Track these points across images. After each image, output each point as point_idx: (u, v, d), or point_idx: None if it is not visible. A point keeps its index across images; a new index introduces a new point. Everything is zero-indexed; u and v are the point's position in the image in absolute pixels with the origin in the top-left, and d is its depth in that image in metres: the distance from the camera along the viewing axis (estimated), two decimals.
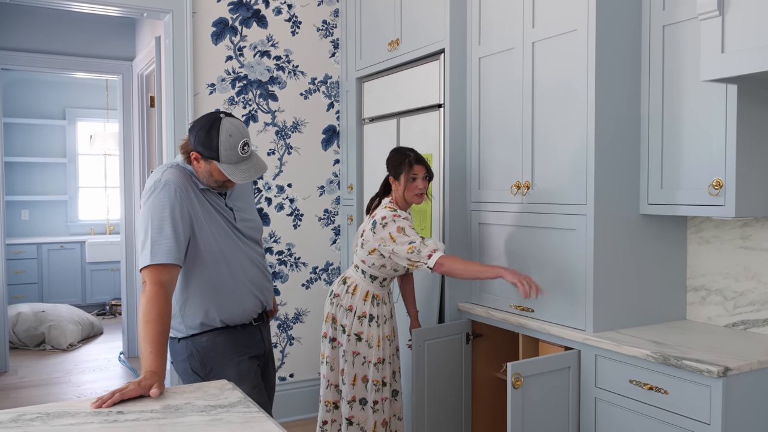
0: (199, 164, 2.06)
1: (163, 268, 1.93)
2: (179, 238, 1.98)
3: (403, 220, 2.55)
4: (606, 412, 2.26)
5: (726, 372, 1.90)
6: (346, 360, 2.64)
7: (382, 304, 2.67)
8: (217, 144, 1.99)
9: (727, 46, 1.93)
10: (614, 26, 2.34)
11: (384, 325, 2.66)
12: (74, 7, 3.53)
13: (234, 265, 2.16)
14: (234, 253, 2.16)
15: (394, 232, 2.52)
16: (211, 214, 2.11)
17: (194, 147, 2.04)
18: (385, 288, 2.71)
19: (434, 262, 2.41)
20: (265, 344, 2.30)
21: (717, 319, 2.46)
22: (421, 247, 2.44)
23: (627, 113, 2.39)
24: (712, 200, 2.15)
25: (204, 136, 2.00)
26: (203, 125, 2.02)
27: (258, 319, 2.26)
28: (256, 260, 2.25)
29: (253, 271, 2.23)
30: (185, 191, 2.03)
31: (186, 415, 1.50)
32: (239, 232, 2.19)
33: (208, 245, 2.09)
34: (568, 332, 2.39)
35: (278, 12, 3.86)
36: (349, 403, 2.63)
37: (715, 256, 2.47)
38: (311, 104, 3.98)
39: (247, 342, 2.21)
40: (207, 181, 2.09)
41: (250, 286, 2.21)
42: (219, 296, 2.14)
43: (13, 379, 4.90)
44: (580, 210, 2.38)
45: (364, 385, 2.62)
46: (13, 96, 7.09)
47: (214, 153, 2.00)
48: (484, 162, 2.89)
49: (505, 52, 2.74)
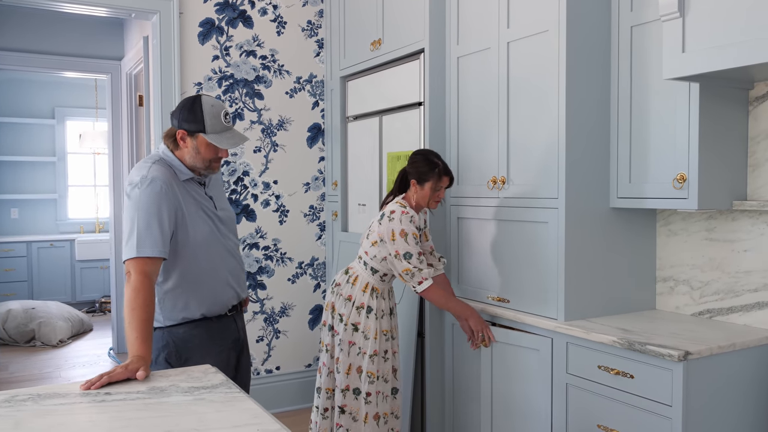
0: (186, 143, 2.16)
1: (148, 260, 2.01)
2: (164, 232, 2.05)
3: (409, 223, 2.60)
4: (576, 396, 2.35)
5: (686, 356, 2.00)
6: (341, 349, 2.68)
7: (381, 299, 2.70)
8: (202, 115, 2.11)
9: (687, 46, 2.03)
10: (584, 27, 2.44)
11: (381, 319, 2.68)
12: (63, 8, 3.59)
13: (215, 255, 2.23)
14: (215, 243, 2.24)
15: (398, 234, 2.58)
16: (194, 205, 2.19)
17: (179, 126, 2.14)
18: (386, 284, 2.73)
19: (422, 290, 2.59)
20: (239, 333, 2.36)
21: (684, 308, 2.57)
22: (416, 272, 2.57)
23: (597, 110, 2.49)
24: (677, 193, 2.25)
25: (188, 113, 2.12)
26: (185, 104, 2.15)
27: (232, 309, 2.33)
28: (234, 250, 2.34)
29: (231, 261, 2.31)
30: (170, 186, 2.11)
31: (170, 396, 1.58)
32: (219, 220, 2.28)
33: (193, 236, 2.16)
34: (541, 321, 2.49)
35: (264, 12, 3.94)
36: (343, 391, 2.66)
37: (683, 248, 2.57)
38: (296, 103, 4.06)
39: (222, 333, 2.27)
40: (194, 161, 2.17)
41: (228, 276, 2.29)
42: (200, 288, 2.20)
43: (4, 374, 4.96)
44: (552, 204, 2.48)
45: (358, 375, 2.66)
46: (2, 95, 7.13)
47: (200, 125, 2.11)
48: (462, 158, 2.98)
49: (482, 52, 2.83)
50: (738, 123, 2.31)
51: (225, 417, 1.43)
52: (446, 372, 3.04)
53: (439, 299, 2.63)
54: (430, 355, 3.07)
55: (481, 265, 2.86)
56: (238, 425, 1.38)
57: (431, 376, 3.07)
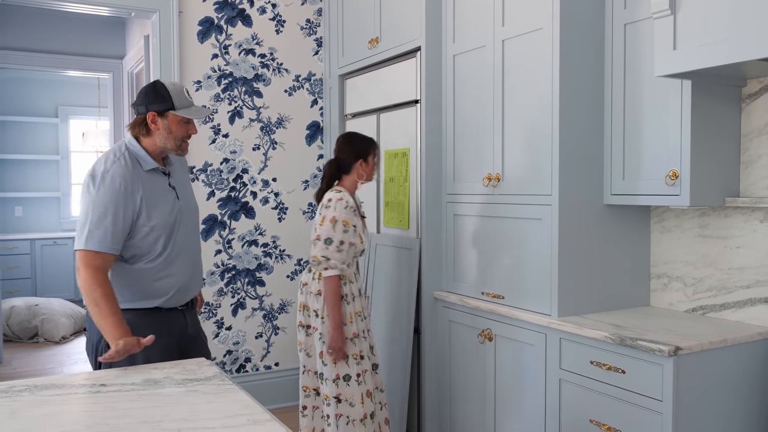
0: (157, 125, 2.21)
1: (96, 254, 2.07)
2: (116, 230, 2.10)
3: (343, 209, 2.70)
4: (569, 392, 2.37)
5: (677, 351, 2.01)
6: (324, 342, 2.72)
7: (349, 283, 2.77)
8: (168, 94, 2.20)
9: (678, 43, 2.05)
10: (577, 24, 2.46)
11: (353, 302, 2.77)
12: (65, 7, 3.63)
13: (174, 247, 2.25)
14: (175, 234, 2.26)
15: (328, 220, 2.69)
16: (157, 195, 2.22)
17: (148, 109, 2.19)
18: (350, 268, 2.79)
19: (326, 275, 2.69)
20: (188, 329, 2.35)
21: (678, 304, 2.58)
22: (323, 260, 2.70)
23: (590, 107, 2.51)
24: (669, 190, 2.27)
25: (153, 95, 2.20)
26: (147, 90, 2.22)
27: (185, 304, 2.34)
28: (194, 244, 2.37)
29: (190, 255, 2.33)
30: (130, 182, 2.14)
31: (164, 387, 1.61)
32: (180, 212, 2.29)
33: (153, 226, 2.19)
34: (535, 317, 2.51)
35: (263, 11, 3.96)
36: (335, 381, 2.71)
37: (676, 245, 2.59)
38: (295, 101, 4.09)
39: (170, 326, 2.27)
40: (165, 142, 2.22)
41: (186, 269, 2.30)
42: (157, 278, 2.22)
43: (7, 369, 5.00)
44: (546, 200, 2.50)
45: (345, 361, 2.72)
46: (6, 94, 7.17)
47: (169, 103, 2.19)
48: (458, 155, 3.00)
49: (478, 50, 2.85)
50: (731, 120, 2.33)
51: (216, 408, 1.46)
52: (442, 368, 3.06)
53: (333, 295, 2.67)
54: (426, 351, 3.09)
55: (477, 261, 2.89)
56: (229, 415, 1.41)
57: (427, 372, 3.09)
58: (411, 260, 3.15)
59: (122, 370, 1.76)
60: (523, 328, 2.58)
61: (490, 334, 2.74)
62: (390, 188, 3.38)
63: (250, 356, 4.00)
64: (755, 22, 1.83)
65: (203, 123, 3.83)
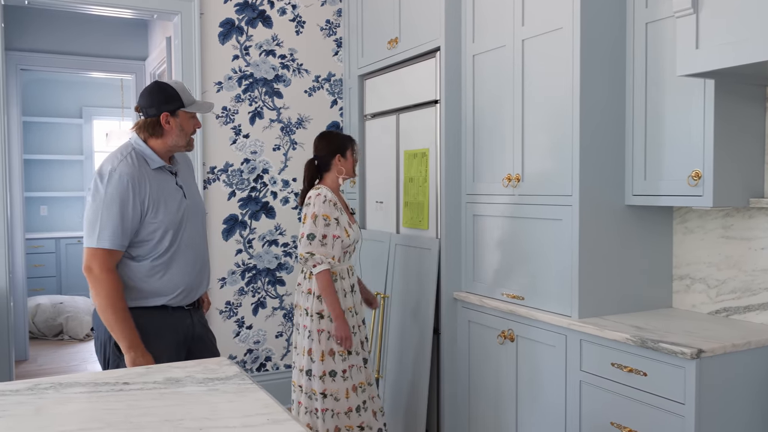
0: (170, 125, 2.24)
1: (109, 254, 2.12)
2: (125, 228, 2.14)
3: (322, 204, 2.76)
4: (590, 394, 2.36)
5: (699, 354, 1.99)
6: (312, 339, 2.77)
7: (340, 279, 2.82)
8: (175, 92, 2.24)
9: (701, 43, 2.03)
10: (598, 23, 2.44)
11: (344, 299, 2.81)
12: (89, 10, 3.68)
13: (182, 246, 2.28)
14: (183, 233, 2.28)
15: (309, 217, 2.76)
16: (164, 194, 2.24)
17: (159, 111, 2.22)
18: (342, 264, 2.83)
19: (316, 272, 2.73)
20: (194, 329, 2.37)
21: (701, 306, 2.55)
22: (309, 258, 2.74)
23: (611, 107, 2.49)
24: (692, 191, 2.24)
25: (162, 96, 2.23)
26: (152, 90, 2.25)
27: (191, 303, 2.36)
28: (201, 243, 2.39)
29: (197, 253, 2.35)
30: (138, 181, 2.17)
31: (186, 386, 1.63)
32: (188, 210, 2.32)
33: (161, 224, 2.21)
34: (555, 318, 2.49)
35: (283, 12, 3.99)
36: (321, 378, 2.77)
37: (699, 246, 2.56)
38: (315, 101, 4.11)
39: (176, 325, 2.30)
40: (177, 141, 2.26)
41: (193, 267, 2.33)
42: (165, 277, 2.25)
43: (32, 366, 5.09)
44: (566, 201, 2.48)
45: (332, 358, 2.77)
46: (31, 95, 7.29)
47: (178, 101, 2.24)
48: (478, 156, 2.99)
49: (497, 50, 2.84)
50: (754, 120, 2.29)
51: (237, 407, 1.47)
52: (461, 368, 3.06)
53: (327, 288, 2.72)
54: (445, 351, 3.09)
55: (496, 262, 2.88)
56: (249, 415, 1.42)
57: (446, 372, 3.09)
58: (430, 261, 3.15)
59: (145, 369, 1.79)
60: (543, 329, 2.57)
61: (511, 334, 2.73)
62: (409, 188, 3.38)
63: (270, 355, 4.02)
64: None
65: (224, 124, 3.87)
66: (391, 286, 3.47)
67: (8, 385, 1.62)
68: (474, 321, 2.98)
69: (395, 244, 3.48)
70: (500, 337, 2.78)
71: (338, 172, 2.88)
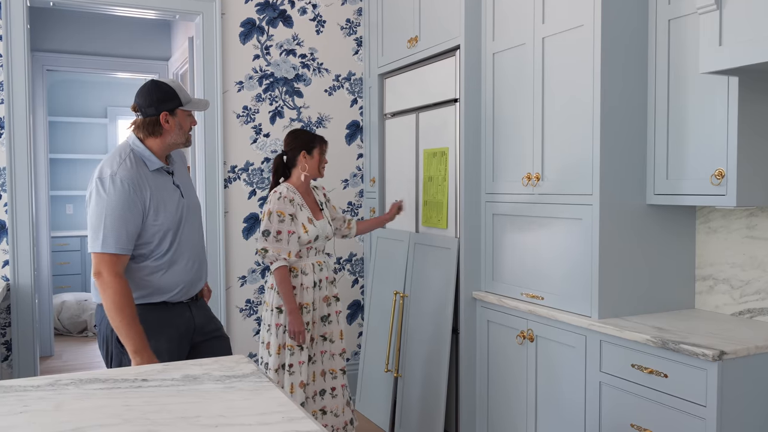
0: (170, 124, 2.27)
1: (117, 259, 2.15)
2: (129, 231, 2.17)
3: (277, 201, 2.85)
4: (610, 395, 2.33)
5: (721, 356, 1.96)
6: (270, 333, 2.89)
7: (302, 275, 2.90)
8: (172, 90, 2.27)
9: (725, 39, 1.99)
10: (620, 21, 2.41)
11: (304, 293, 2.89)
12: (112, 11, 3.73)
13: (181, 244, 2.31)
14: (181, 231, 2.31)
15: (265, 214, 2.87)
16: (163, 194, 2.27)
17: (158, 110, 2.25)
18: (303, 260, 2.92)
19: (273, 269, 2.85)
20: (194, 322, 2.39)
21: (724, 307, 2.51)
22: (266, 254, 2.85)
23: (633, 105, 2.45)
24: (715, 190, 2.21)
25: (161, 95, 2.25)
26: (150, 89, 2.26)
27: (191, 298, 2.39)
28: (198, 240, 2.42)
29: (195, 250, 2.38)
30: (138, 184, 2.19)
31: (203, 383, 1.64)
32: (186, 209, 2.35)
33: (161, 223, 2.25)
34: (574, 318, 2.47)
35: (303, 12, 4.00)
36: (276, 371, 2.87)
37: (723, 246, 2.51)
38: (335, 100, 4.12)
39: (176, 320, 2.33)
40: (176, 139, 2.30)
41: (192, 264, 2.36)
42: (165, 274, 2.28)
43: (57, 362, 5.18)
44: (587, 200, 2.46)
45: (285, 352, 2.88)
46: (57, 96, 7.41)
47: (176, 99, 2.27)
48: (497, 154, 2.98)
49: (517, 48, 2.82)
50: None
51: (252, 405, 1.48)
52: (480, 368, 3.04)
53: (282, 284, 2.82)
54: (464, 351, 3.08)
55: (515, 261, 2.86)
56: (265, 413, 1.43)
57: (466, 372, 3.08)
58: (449, 260, 3.14)
59: (163, 366, 1.80)
60: (563, 330, 2.54)
61: (531, 335, 2.71)
62: (429, 187, 3.38)
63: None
64: None
65: (245, 123, 3.89)
66: (410, 285, 3.47)
67: (30, 380, 1.65)
68: (493, 321, 2.96)
69: (414, 243, 3.48)
70: (519, 337, 2.77)
71: (302, 168, 2.97)
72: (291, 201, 2.88)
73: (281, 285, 2.82)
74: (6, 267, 3.42)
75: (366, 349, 3.88)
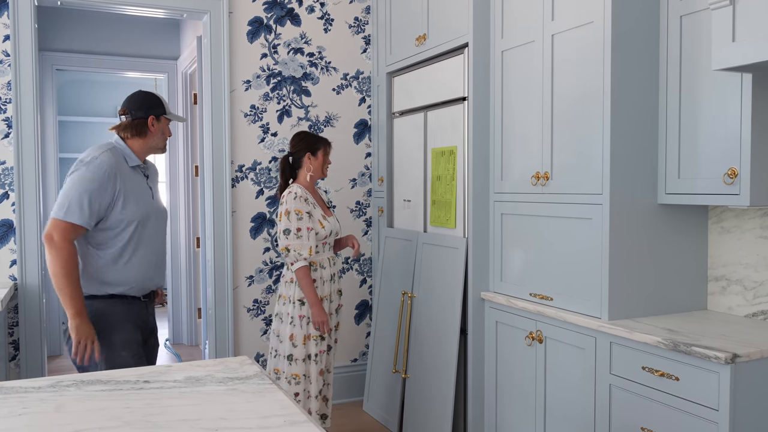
0: (155, 128, 2.52)
1: (74, 229, 2.30)
2: (93, 209, 2.32)
3: (293, 200, 2.97)
4: (620, 398, 2.29)
5: (734, 359, 1.92)
6: (294, 325, 2.99)
7: (320, 269, 3.03)
8: (159, 99, 2.56)
9: (738, 35, 1.95)
10: (630, 17, 2.37)
11: (322, 287, 3.02)
12: (119, 9, 3.72)
13: (147, 239, 2.48)
14: (149, 227, 2.49)
15: (284, 214, 2.99)
16: (136, 189, 2.45)
17: (148, 114, 2.50)
18: (320, 255, 3.05)
19: (294, 269, 2.97)
20: (149, 318, 2.59)
21: (737, 309, 2.46)
22: (289, 253, 2.97)
23: (644, 103, 2.41)
24: (728, 189, 2.16)
25: (149, 101, 2.52)
26: (141, 96, 2.53)
27: (147, 295, 2.55)
28: (161, 241, 2.58)
29: (158, 249, 2.55)
30: (114, 171, 2.37)
31: (205, 385, 1.62)
32: (154, 210, 2.53)
33: (131, 215, 2.41)
34: (584, 320, 2.43)
35: (311, 10, 3.98)
36: (303, 360, 2.99)
37: (736, 246, 2.47)
38: (343, 99, 4.09)
39: (136, 313, 2.50)
40: (157, 142, 2.55)
41: (154, 261, 2.53)
42: (128, 265, 2.44)
43: (67, 361, 5.18)
44: (596, 200, 2.42)
45: (310, 342, 2.99)
46: (66, 95, 7.43)
47: (162, 107, 2.55)
48: (506, 153, 2.94)
49: (526, 45, 2.79)
50: None
51: (254, 407, 1.46)
52: (488, 369, 3.01)
53: (304, 279, 2.94)
54: (472, 352, 3.05)
55: (524, 262, 2.82)
56: (266, 416, 1.41)
57: (474, 373, 3.05)
58: (457, 260, 3.11)
59: (166, 367, 1.79)
60: (572, 331, 2.51)
61: (540, 336, 2.67)
62: (437, 187, 3.35)
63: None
64: None
65: (252, 122, 3.88)
66: (418, 285, 3.44)
67: (31, 382, 1.64)
68: (501, 321, 2.93)
69: (422, 243, 3.45)
70: (528, 338, 2.73)
71: (307, 169, 3.09)
72: (306, 200, 3.01)
73: (303, 281, 2.94)
74: (14, 266, 3.43)
75: (374, 349, 3.86)
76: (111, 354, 2.39)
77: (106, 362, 2.39)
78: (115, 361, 2.38)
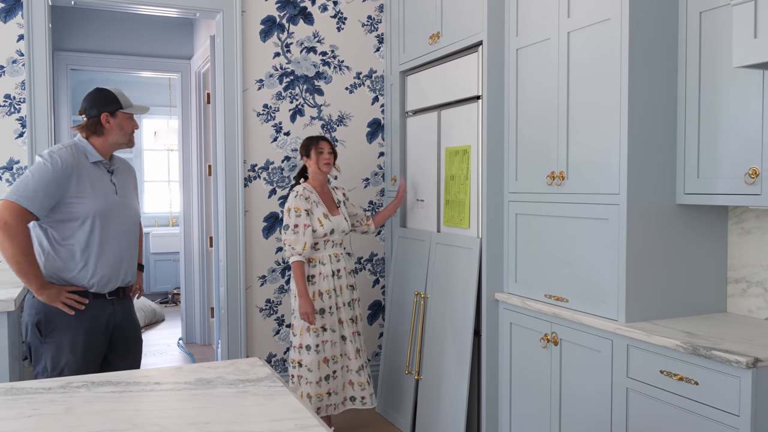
0: (110, 125, 2.54)
1: (24, 212, 2.32)
2: (44, 201, 2.36)
3: (294, 198, 3.18)
4: (637, 402, 2.25)
5: (756, 363, 1.87)
6: (295, 317, 3.23)
7: (320, 265, 3.22)
8: (113, 95, 2.56)
9: (760, 32, 1.90)
10: (648, 13, 2.32)
11: (321, 282, 3.20)
12: (133, 9, 3.73)
13: (108, 234, 2.49)
14: (110, 221, 2.50)
15: (285, 211, 3.20)
16: (97, 183, 2.49)
17: (100, 112, 2.52)
18: (320, 252, 3.24)
19: (290, 262, 3.19)
20: (116, 317, 2.57)
21: (758, 311, 2.41)
22: (287, 247, 3.17)
23: (662, 101, 2.37)
24: (749, 189, 2.12)
25: (101, 98, 2.53)
26: (94, 95, 2.55)
27: (114, 293, 2.55)
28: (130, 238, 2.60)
29: (124, 245, 2.56)
30: (71, 166, 2.42)
31: (216, 387, 1.60)
32: (120, 206, 2.56)
33: (90, 209, 2.44)
34: (600, 322, 2.39)
35: (324, 9, 3.96)
36: (298, 349, 3.21)
37: (757, 247, 2.41)
38: (356, 98, 4.07)
39: (96, 314, 2.49)
40: (118, 138, 2.56)
41: (118, 257, 2.54)
42: (88, 261, 2.46)
43: None
44: (613, 200, 2.38)
45: (308, 333, 3.18)
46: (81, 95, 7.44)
47: (116, 103, 2.56)
48: (521, 153, 2.90)
49: (542, 43, 2.74)
50: None
51: (265, 411, 1.44)
52: (502, 371, 2.97)
53: (295, 272, 3.15)
54: (486, 354, 3.01)
55: (539, 263, 2.78)
56: (277, 419, 1.39)
57: (488, 375, 3.01)
58: (471, 260, 3.08)
59: (176, 369, 1.77)
60: (588, 333, 2.47)
61: (555, 338, 2.63)
62: (450, 186, 3.31)
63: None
64: None
65: (265, 122, 3.87)
66: (431, 285, 3.41)
67: (42, 383, 1.63)
68: (516, 323, 2.89)
69: (435, 243, 3.42)
70: (543, 340, 2.69)
71: (310, 175, 3.32)
72: (306, 198, 3.19)
73: (296, 272, 3.15)
74: None
75: (387, 350, 3.83)
76: (57, 355, 2.41)
77: (51, 361, 2.41)
78: (59, 362, 2.40)
